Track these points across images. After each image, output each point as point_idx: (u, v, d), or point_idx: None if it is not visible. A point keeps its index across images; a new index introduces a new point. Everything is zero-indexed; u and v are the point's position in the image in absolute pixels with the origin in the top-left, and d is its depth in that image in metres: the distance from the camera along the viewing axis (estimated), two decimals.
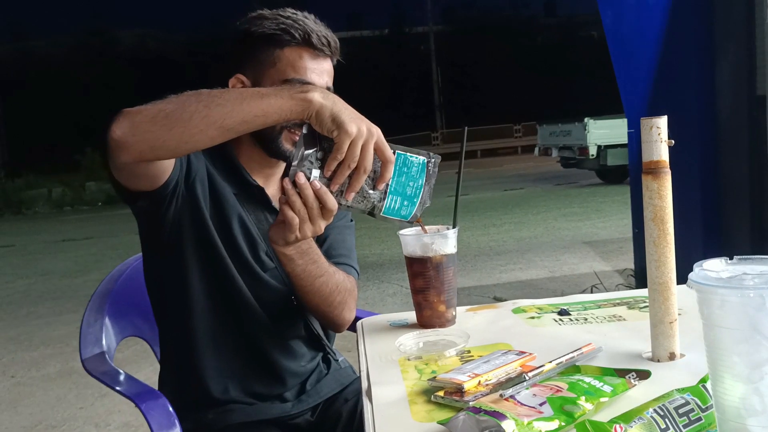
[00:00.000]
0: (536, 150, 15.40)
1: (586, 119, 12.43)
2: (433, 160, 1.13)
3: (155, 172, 1.17)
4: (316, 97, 1.03)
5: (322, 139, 1.07)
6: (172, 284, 1.33)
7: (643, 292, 1.33)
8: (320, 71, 1.29)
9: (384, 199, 1.11)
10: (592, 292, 4.44)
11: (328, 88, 1.28)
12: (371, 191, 1.10)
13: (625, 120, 3.93)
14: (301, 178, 1.07)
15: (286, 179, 1.08)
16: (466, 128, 1.26)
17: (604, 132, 12.08)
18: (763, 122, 2.73)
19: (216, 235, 1.30)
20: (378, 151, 1.07)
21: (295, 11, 1.31)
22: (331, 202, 1.08)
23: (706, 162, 3.19)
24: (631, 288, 4.32)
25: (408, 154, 1.11)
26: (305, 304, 1.33)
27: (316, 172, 1.08)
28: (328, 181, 1.08)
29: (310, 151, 1.07)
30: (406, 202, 1.12)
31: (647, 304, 1.23)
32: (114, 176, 1.16)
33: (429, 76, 42.25)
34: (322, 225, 1.12)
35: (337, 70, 1.36)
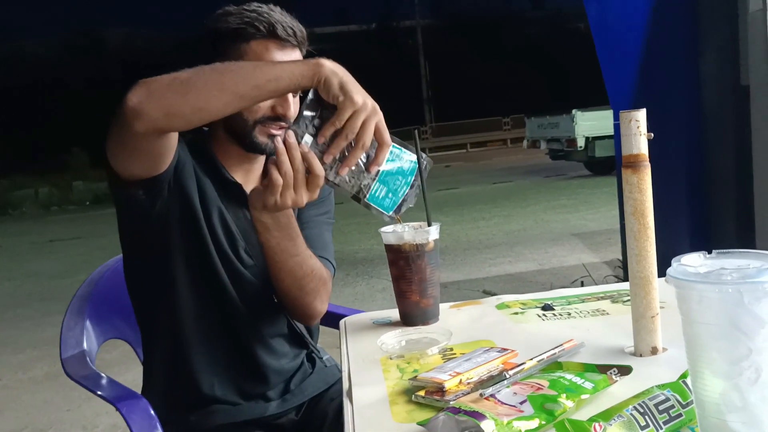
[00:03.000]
0: (525, 142, 15.43)
1: (573, 111, 12.45)
2: (425, 162, 1.15)
3: (161, 150, 1.16)
4: (328, 63, 1.09)
5: (324, 108, 1.09)
6: (156, 281, 1.31)
7: (627, 286, 1.32)
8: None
9: (371, 185, 1.12)
10: (582, 285, 4.46)
11: None
12: (362, 173, 1.11)
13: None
14: (291, 137, 1.08)
15: (278, 138, 1.10)
16: (417, 130, 1.28)
17: (592, 123, 12.10)
18: (747, 113, 2.73)
19: (205, 229, 1.29)
20: (377, 132, 1.10)
21: (260, 5, 1.30)
22: (318, 167, 1.10)
23: (691, 154, 3.20)
24: (619, 279, 4.34)
25: (404, 149, 1.14)
26: (277, 286, 1.31)
27: (308, 138, 1.09)
28: (322, 154, 1.09)
29: (310, 113, 1.09)
30: (390, 194, 1.13)
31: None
32: (111, 163, 1.17)
33: (417, 70, 42.21)
34: (304, 196, 1.12)
35: None
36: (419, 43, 42.35)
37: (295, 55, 1.30)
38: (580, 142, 12.42)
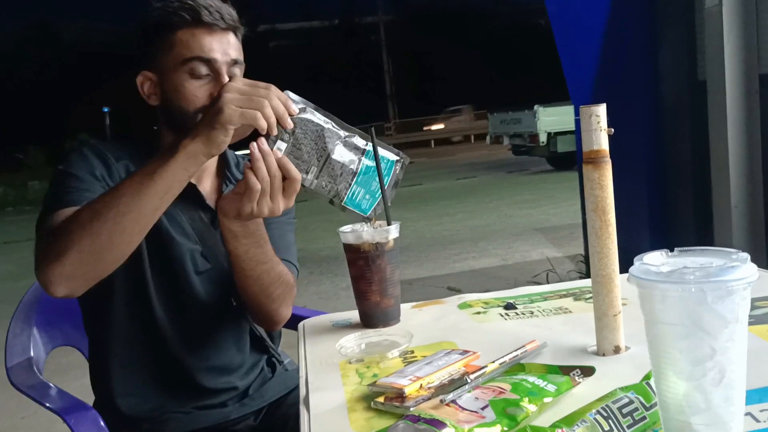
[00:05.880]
0: (488, 138, 15.53)
1: (536, 107, 12.57)
2: (402, 161, 1.14)
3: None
4: (191, 141, 1.05)
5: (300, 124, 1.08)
6: (95, 291, 1.26)
7: (589, 282, 1.31)
8: (220, 45, 1.21)
9: (348, 188, 1.10)
10: (548, 279, 4.49)
11: (235, 61, 1.23)
12: (338, 176, 1.09)
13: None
14: (264, 143, 1.05)
15: (253, 143, 1.06)
16: (373, 129, 1.24)
17: (554, 119, 12.24)
18: (704, 107, 2.77)
19: (144, 249, 1.24)
20: (285, 104, 1.07)
21: None
22: (295, 172, 1.07)
23: (650, 149, 3.24)
24: (582, 274, 4.38)
25: (380, 149, 1.12)
26: (242, 293, 1.27)
27: (281, 144, 1.07)
28: (296, 160, 1.08)
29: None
30: (368, 196, 1.12)
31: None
32: None
33: (380, 66, 42.19)
34: (281, 204, 1.09)
35: (288, 60, 1.30)
36: (382, 39, 42.34)
37: (228, 38, 1.23)
38: (542, 138, 12.55)
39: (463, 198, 10.57)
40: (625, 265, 0.94)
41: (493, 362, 0.87)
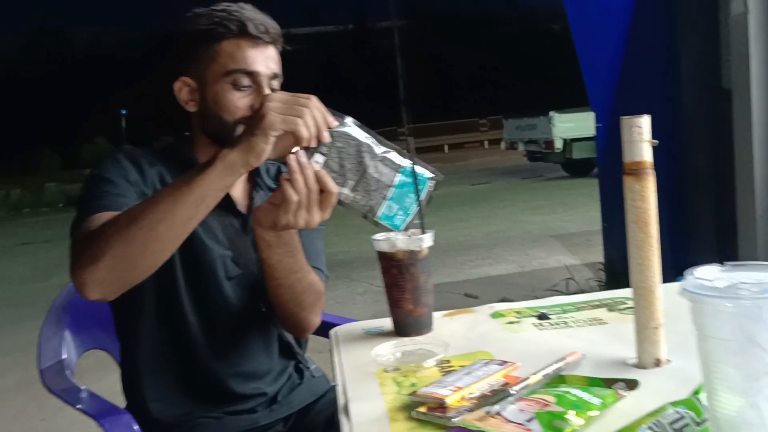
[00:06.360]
0: (503, 144, 15.50)
1: (551, 113, 12.53)
2: (436, 179, 1.15)
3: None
4: (230, 150, 1.05)
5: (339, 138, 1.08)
6: (125, 299, 1.27)
7: (622, 293, 1.31)
8: (263, 58, 1.24)
9: (383, 203, 1.10)
10: (567, 286, 4.47)
11: (275, 75, 1.25)
12: (375, 191, 1.09)
13: (590, 114, 3.95)
14: (302, 156, 1.06)
15: (291, 155, 1.06)
16: (413, 139, 1.25)
17: (570, 126, 12.19)
18: (728, 116, 2.75)
19: (176, 255, 1.25)
20: (323, 116, 1.07)
21: (229, 4, 1.26)
22: (332, 185, 1.07)
23: (669, 156, 3.20)
24: (601, 282, 4.35)
25: (416, 166, 1.13)
26: (274, 301, 1.27)
27: (319, 158, 1.07)
28: (333, 174, 1.09)
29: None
30: (401, 212, 1.12)
31: (628, 305, 1.22)
32: None
33: (394, 71, 42.22)
34: (316, 216, 1.09)
35: (301, 65, 1.31)
36: (396, 44, 42.35)
37: (270, 52, 1.25)
38: (558, 144, 12.51)
39: (477, 204, 10.55)
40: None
41: (536, 374, 0.86)
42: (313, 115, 1.04)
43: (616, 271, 3.96)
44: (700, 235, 3.05)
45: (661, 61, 3.40)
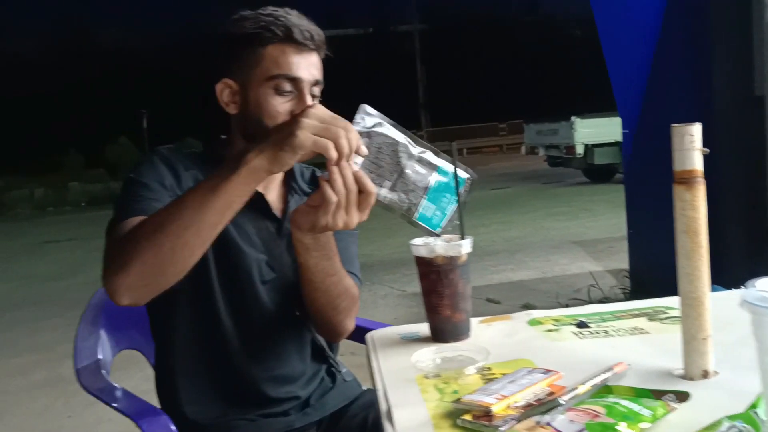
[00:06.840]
0: (523, 148, 15.45)
1: (573, 118, 12.46)
2: (471, 179, 1.15)
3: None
4: (255, 156, 1.03)
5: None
6: (162, 297, 1.28)
7: (660, 302, 1.29)
8: (307, 65, 1.24)
9: (420, 204, 1.11)
10: (589, 294, 4.43)
11: (317, 81, 1.25)
12: (413, 191, 1.10)
13: (612, 119, 3.93)
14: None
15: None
16: (455, 144, 1.24)
17: (591, 131, 12.12)
18: (761, 124, 2.71)
19: (211, 259, 1.25)
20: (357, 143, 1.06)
21: (275, 8, 1.26)
22: (370, 186, 1.07)
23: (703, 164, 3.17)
24: (625, 289, 4.31)
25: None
26: (310, 304, 1.28)
27: (358, 159, 1.07)
28: (372, 175, 1.09)
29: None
30: (438, 212, 1.12)
31: (669, 315, 1.21)
32: None
33: (413, 74, 42.23)
34: (355, 217, 1.08)
35: (323, 67, 1.32)
36: (416, 48, 42.38)
37: (314, 58, 1.26)
38: (579, 150, 12.43)
39: (497, 209, 10.50)
40: (672, 287, 0.92)
41: (584, 384, 0.85)
42: (348, 138, 1.03)
43: (641, 279, 3.93)
44: (730, 244, 3.01)
45: (691, 68, 3.37)
